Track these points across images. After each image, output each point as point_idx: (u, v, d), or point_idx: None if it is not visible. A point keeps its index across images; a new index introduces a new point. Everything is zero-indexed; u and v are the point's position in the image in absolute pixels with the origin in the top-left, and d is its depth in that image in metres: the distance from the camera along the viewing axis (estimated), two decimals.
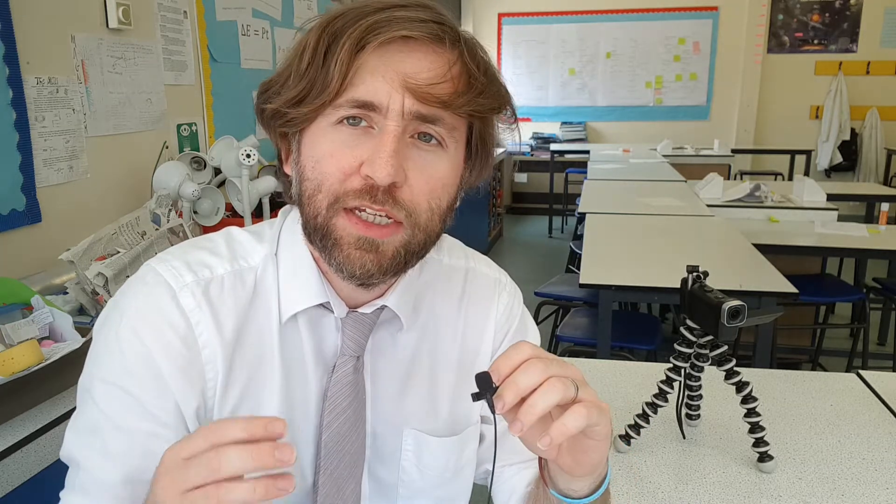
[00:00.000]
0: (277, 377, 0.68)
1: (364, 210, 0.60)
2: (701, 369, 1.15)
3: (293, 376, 0.69)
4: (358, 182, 0.60)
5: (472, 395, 0.57)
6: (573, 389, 0.56)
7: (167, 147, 2.35)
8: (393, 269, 0.63)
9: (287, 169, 0.68)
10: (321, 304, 0.68)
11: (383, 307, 0.70)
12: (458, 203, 0.70)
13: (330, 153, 0.61)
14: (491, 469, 0.77)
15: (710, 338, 1.09)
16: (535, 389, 0.55)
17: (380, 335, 0.73)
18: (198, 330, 0.64)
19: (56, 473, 1.17)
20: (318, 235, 0.63)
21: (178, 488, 0.47)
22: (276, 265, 0.69)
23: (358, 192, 0.60)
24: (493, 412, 0.56)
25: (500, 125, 0.69)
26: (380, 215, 0.60)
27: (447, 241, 0.82)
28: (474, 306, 0.79)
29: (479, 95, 0.61)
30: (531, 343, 0.58)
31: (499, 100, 0.64)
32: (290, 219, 0.71)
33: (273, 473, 0.46)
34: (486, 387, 0.56)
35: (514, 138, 0.73)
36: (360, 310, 0.69)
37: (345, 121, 0.61)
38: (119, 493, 0.62)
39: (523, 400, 0.55)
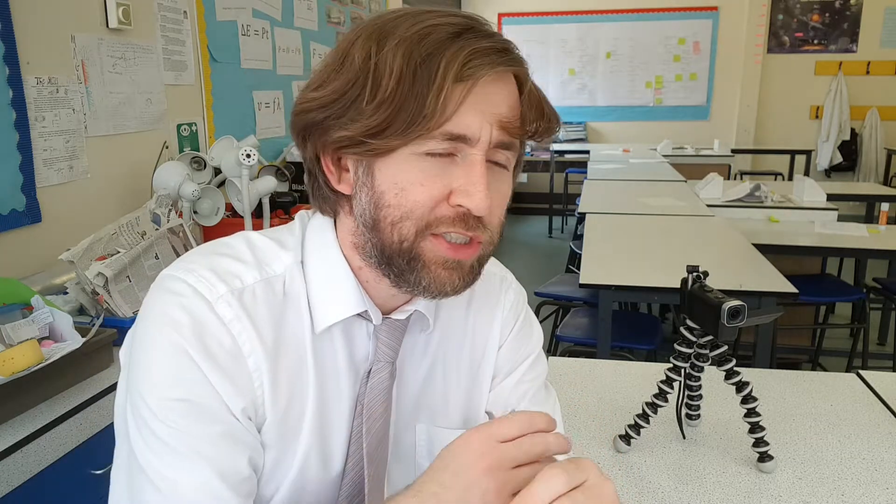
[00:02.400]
0: (312, 387, 0.67)
1: (450, 233, 0.62)
2: (701, 369, 1.15)
3: (327, 386, 0.69)
4: (448, 210, 0.62)
5: None
6: None
7: (167, 147, 2.34)
8: (472, 281, 0.66)
9: (342, 188, 0.66)
10: (357, 313, 0.68)
11: (415, 311, 0.71)
12: None
13: (420, 182, 0.61)
14: None
15: (710, 338, 1.09)
16: None
17: (407, 339, 0.73)
18: (240, 340, 0.62)
19: (56, 473, 1.18)
20: (404, 259, 0.63)
21: (498, 465, 0.57)
22: (304, 274, 0.68)
23: (450, 219, 0.62)
24: None
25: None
26: (465, 238, 0.63)
27: None
28: (482, 304, 0.80)
29: (549, 122, 0.66)
30: (564, 470, 0.53)
31: (558, 122, 0.68)
32: (314, 226, 0.70)
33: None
34: None
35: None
36: (392, 316, 0.70)
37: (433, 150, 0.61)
38: (218, 489, 0.60)
39: None
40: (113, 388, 1.26)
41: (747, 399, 1.08)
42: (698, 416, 1.22)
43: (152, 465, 0.60)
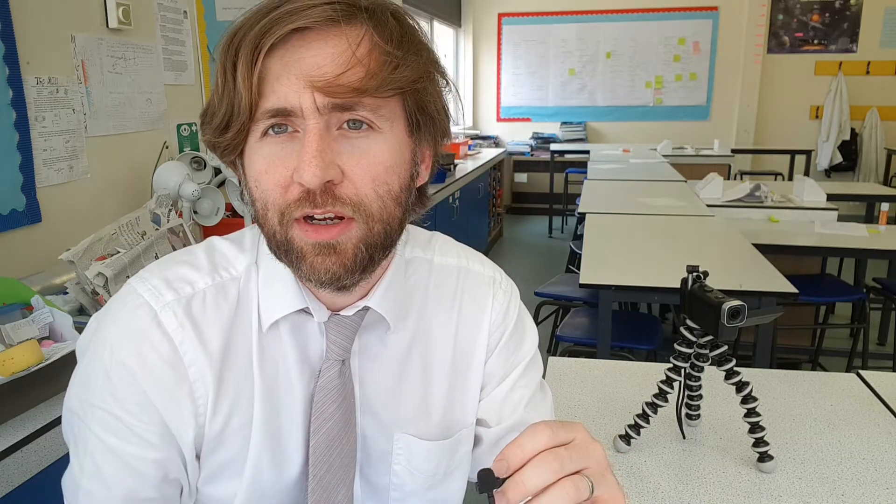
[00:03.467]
0: (259, 387, 0.67)
1: (312, 216, 0.58)
2: (701, 369, 1.15)
3: (277, 384, 0.68)
4: (296, 191, 0.58)
5: (475, 486, 0.52)
6: (587, 490, 0.50)
7: (167, 147, 2.34)
8: (359, 266, 0.61)
9: (245, 192, 0.66)
10: (302, 310, 0.67)
11: (366, 308, 0.68)
12: (422, 180, 0.67)
13: (265, 169, 0.59)
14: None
15: (710, 338, 1.09)
16: (544, 488, 0.49)
17: (367, 338, 0.71)
18: (182, 349, 0.63)
19: (56, 473, 1.18)
20: (282, 251, 0.61)
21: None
22: (258, 273, 0.68)
23: (298, 201, 0.58)
24: None
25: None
26: (328, 217, 0.58)
27: (438, 238, 0.80)
28: (467, 306, 0.77)
29: (395, 71, 0.57)
30: (550, 427, 0.51)
31: (418, 70, 0.59)
32: None
33: None
34: (489, 482, 0.50)
35: (456, 107, 0.68)
36: (342, 312, 0.68)
37: (269, 132, 0.58)
38: None
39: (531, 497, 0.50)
40: None
41: (747, 399, 1.08)
42: (698, 416, 1.22)
43: (73, 460, 0.66)
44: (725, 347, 1.11)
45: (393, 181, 0.60)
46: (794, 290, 2.05)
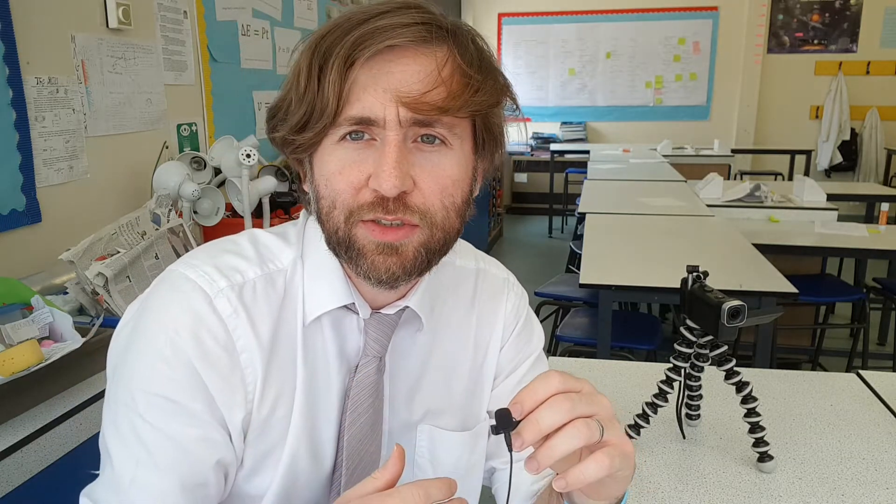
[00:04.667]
0: (301, 379, 0.68)
1: (379, 219, 0.61)
2: (701, 369, 1.15)
3: (317, 378, 0.69)
4: (369, 195, 0.61)
5: (491, 428, 0.54)
6: (598, 432, 0.54)
7: (167, 147, 2.35)
8: (417, 269, 0.64)
9: (305, 187, 0.69)
10: (345, 306, 0.69)
11: (405, 308, 0.71)
12: (476, 194, 0.70)
13: (338, 171, 0.62)
14: (494, 467, 0.78)
15: (710, 338, 1.09)
16: (558, 429, 0.53)
17: (400, 335, 0.74)
18: (235, 335, 0.64)
19: (56, 473, 1.18)
20: (343, 248, 0.64)
21: None
22: (303, 267, 0.70)
23: (370, 205, 0.61)
24: (511, 450, 0.53)
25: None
26: (395, 222, 0.61)
27: (458, 243, 0.83)
28: (485, 306, 0.81)
29: (475, 94, 0.61)
30: (560, 374, 0.55)
31: (496, 95, 0.63)
32: (312, 221, 0.71)
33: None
34: (505, 423, 0.53)
35: (518, 133, 0.73)
36: (382, 311, 0.70)
37: (347, 137, 0.61)
38: (178, 501, 0.61)
39: (545, 437, 0.53)
40: None
41: (747, 399, 1.08)
42: (698, 416, 1.22)
43: (120, 455, 0.62)
44: (725, 347, 1.11)
45: (458, 194, 0.64)
46: (794, 290, 2.05)
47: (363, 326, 0.70)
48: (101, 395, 1.29)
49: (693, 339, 1.11)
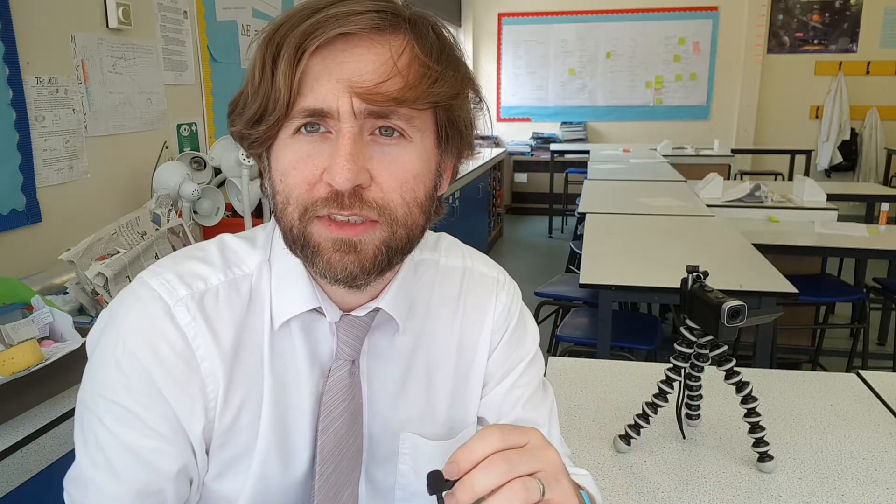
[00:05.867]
0: (268, 385, 0.67)
1: (333, 214, 0.59)
2: (701, 369, 1.15)
3: (287, 383, 0.68)
4: (323, 190, 0.59)
5: (427, 488, 0.51)
6: (538, 492, 0.50)
7: (167, 147, 2.34)
8: (377, 267, 0.61)
9: (266, 184, 0.67)
10: (314, 309, 0.67)
11: (377, 309, 0.69)
12: (442, 190, 0.68)
13: (293, 165, 0.60)
14: None
15: (710, 338, 1.09)
16: (494, 490, 0.49)
17: (376, 338, 0.72)
18: (195, 344, 0.63)
19: (56, 473, 1.18)
20: (298, 246, 0.62)
21: None
22: (270, 271, 0.69)
23: (325, 200, 0.59)
24: None
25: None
26: (352, 218, 0.59)
27: (445, 240, 0.81)
28: (471, 306, 0.78)
29: (434, 85, 0.58)
30: (502, 430, 0.52)
31: (456, 86, 0.61)
32: None
33: None
34: (438, 485, 0.50)
35: (484, 122, 0.69)
36: (353, 313, 0.68)
37: (302, 129, 0.59)
38: None
39: (480, 498, 0.50)
40: None
41: (747, 399, 1.08)
42: (698, 416, 1.22)
43: (81, 454, 0.63)
44: (725, 347, 1.11)
45: (419, 189, 0.62)
46: (794, 290, 2.06)
47: (335, 330, 0.69)
48: None
49: (693, 339, 1.11)
